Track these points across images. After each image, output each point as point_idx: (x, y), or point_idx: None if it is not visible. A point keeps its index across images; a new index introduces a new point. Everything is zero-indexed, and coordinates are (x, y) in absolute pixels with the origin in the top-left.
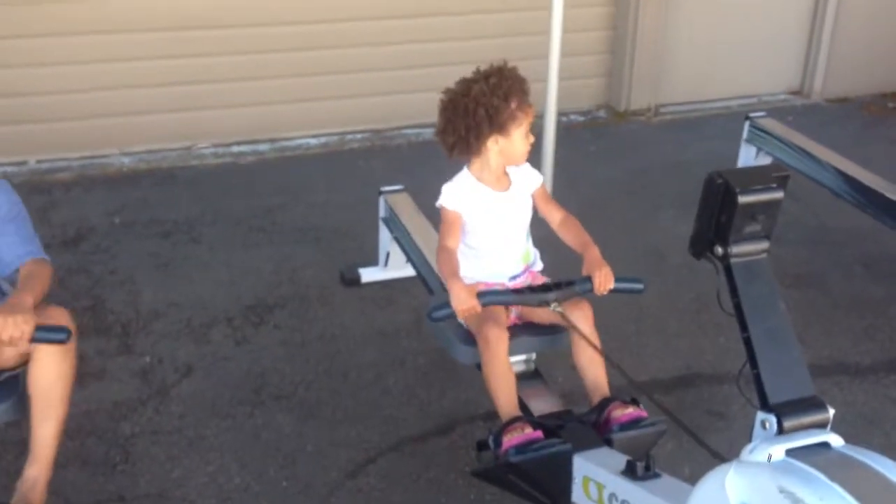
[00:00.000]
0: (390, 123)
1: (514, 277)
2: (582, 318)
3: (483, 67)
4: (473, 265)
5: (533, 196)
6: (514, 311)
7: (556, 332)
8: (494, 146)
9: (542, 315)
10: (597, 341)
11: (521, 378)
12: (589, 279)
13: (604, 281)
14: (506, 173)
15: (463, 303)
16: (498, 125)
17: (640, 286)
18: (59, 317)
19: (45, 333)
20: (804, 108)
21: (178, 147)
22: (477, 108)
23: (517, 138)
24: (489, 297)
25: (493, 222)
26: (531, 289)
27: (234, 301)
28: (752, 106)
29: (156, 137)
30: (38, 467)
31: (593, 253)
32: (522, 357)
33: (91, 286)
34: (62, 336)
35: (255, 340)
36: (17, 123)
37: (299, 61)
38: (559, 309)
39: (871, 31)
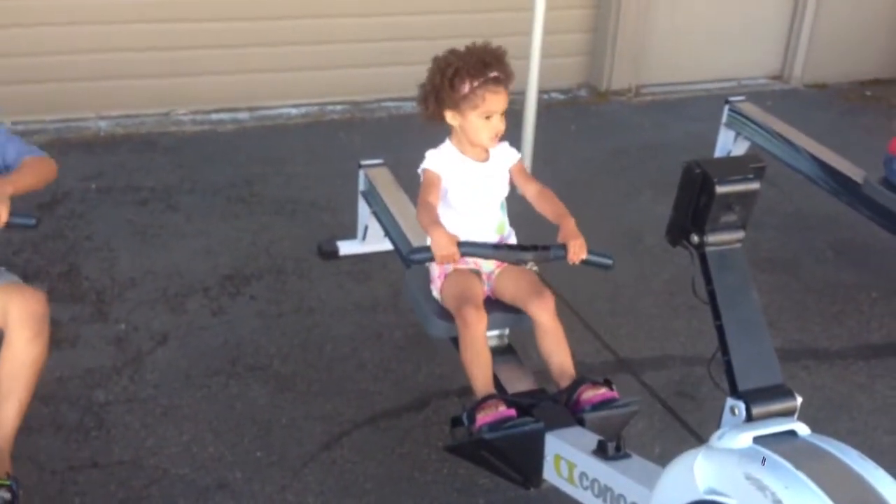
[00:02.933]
0: (371, 96)
1: None
2: (544, 308)
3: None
4: (449, 229)
5: (510, 171)
6: (487, 285)
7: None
8: (453, 121)
9: (511, 294)
10: (560, 332)
11: (495, 353)
12: (563, 247)
13: (577, 251)
14: (485, 149)
15: (443, 248)
16: (444, 102)
17: (609, 261)
18: (36, 303)
19: (16, 219)
20: (783, 93)
21: (157, 113)
22: (429, 82)
23: (473, 120)
24: (468, 247)
25: (470, 190)
26: (509, 246)
27: (210, 271)
28: (733, 89)
29: (134, 102)
30: None
31: (569, 223)
32: (496, 332)
33: (66, 252)
34: (31, 221)
35: (231, 311)
36: None
37: (280, 30)
38: (535, 268)
39: (852, 19)
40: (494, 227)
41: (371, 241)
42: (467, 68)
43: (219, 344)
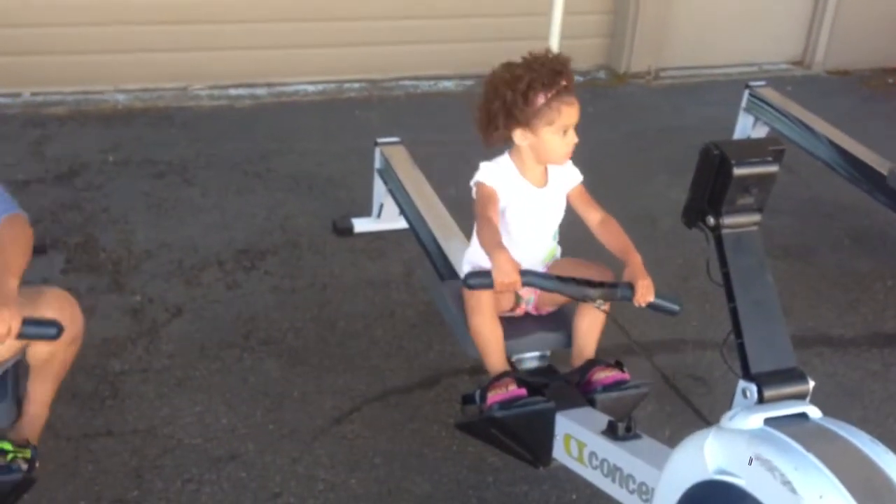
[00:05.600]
0: (388, 74)
1: None
2: (595, 313)
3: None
4: None
5: (569, 195)
6: (531, 300)
7: (566, 330)
8: (523, 141)
9: (554, 303)
10: (602, 318)
11: (533, 371)
12: (630, 286)
13: (644, 293)
14: (545, 170)
15: (506, 276)
16: (517, 119)
17: (676, 308)
18: (60, 301)
19: (34, 328)
20: (804, 78)
21: (174, 87)
22: (494, 99)
23: (547, 137)
24: (532, 277)
25: (523, 217)
26: (576, 280)
27: (225, 245)
28: (753, 74)
29: (152, 76)
30: (27, 419)
31: (636, 260)
32: (537, 353)
33: (83, 223)
34: (52, 332)
35: (245, 285)
36: (13, 54)
37: (299, 6)
38: (604, 307)
39: (876, 5)
40: (543, 256)
41: (386, 218)
42: (541, 80)
43: (233, 317)
